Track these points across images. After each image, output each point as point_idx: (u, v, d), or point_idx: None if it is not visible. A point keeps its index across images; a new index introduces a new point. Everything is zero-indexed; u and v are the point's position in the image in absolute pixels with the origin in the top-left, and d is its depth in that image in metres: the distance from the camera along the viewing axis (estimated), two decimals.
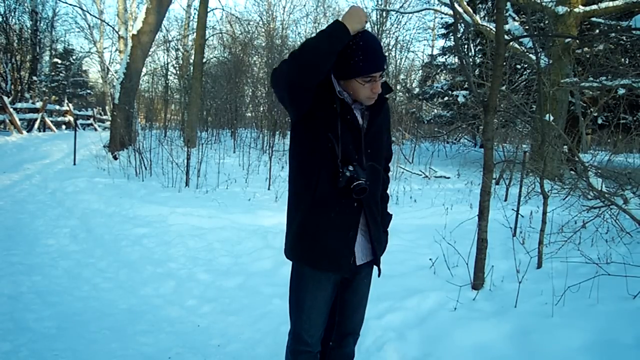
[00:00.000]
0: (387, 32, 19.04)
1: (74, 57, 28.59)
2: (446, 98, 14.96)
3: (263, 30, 20.07)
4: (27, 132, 14.65)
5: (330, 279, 1.84)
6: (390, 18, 18.98)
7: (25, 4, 21.25)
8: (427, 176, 9.78)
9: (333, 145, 1.70)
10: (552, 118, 5.27)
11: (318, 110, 1.71)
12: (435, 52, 19.45)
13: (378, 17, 18.46)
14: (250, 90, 18.77)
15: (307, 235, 1.79)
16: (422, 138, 15.40)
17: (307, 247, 1.80)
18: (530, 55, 9.55)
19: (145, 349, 2.85)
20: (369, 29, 1.79)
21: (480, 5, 14.57)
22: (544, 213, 3.86)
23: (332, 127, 1.71)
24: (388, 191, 2.08)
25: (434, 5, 14.54)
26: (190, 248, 4.61)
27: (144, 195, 6.67)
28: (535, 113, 7.60)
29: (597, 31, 10.55)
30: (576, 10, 9.27)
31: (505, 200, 7.08)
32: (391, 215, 2.05)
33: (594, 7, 9.24)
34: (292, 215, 1.84)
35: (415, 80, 22.40)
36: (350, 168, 1.70)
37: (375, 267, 1.96)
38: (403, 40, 20.57)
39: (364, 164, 1.75)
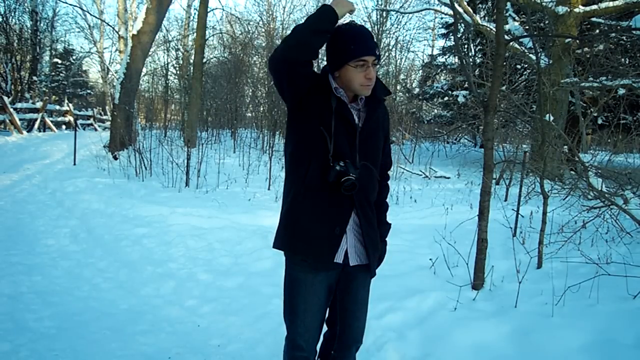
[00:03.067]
0: (387, 32, 19.03)
1: (74, 57, 28.59)
2: (446, 98, 14.95)
3: (263, 30, 20.05)
4: (27, 132, 14.66)
5: (323, 282, 1.83)
6: (390, 18, 18.96)
7: (25, 4, 21.32)
8: (427, 176, 9.78)
9: (325, 140, 1.72)
10: (552, 118, 5.27)
11: (314, 103, 1.73)
12: (435, 52, 19.44)
13: (378, 17, 18.45)
14: (250, 90, 18.76)
15: (290, 223, 1.82)
16: (422, 138, 15.38)
17: (289, 233, 1.82)
18: (530, 55, 9.55)
19: (145, 349, 2.84)
20: (369, 29, 1.80)
21: (480, 5, 14.57)
22: (544, 213, 3.86)
23: (325, 122, 1.73)
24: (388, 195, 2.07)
25: (434, 5, 14.55)
26: (190, 248, 4.61)
27: (144, 195, 6.67)
28: (535, 113, 7.60)
29: (597, 31, 10.54)
30: (576, 10, 9.26)
31: (505, 200, 7.08)
32: (390, 224, 2.03)
33: (594, 7, 9.24)
34: (282, 205, 1.88)
35: (415, 80, 22.38)
36: (342, 164, 1.71)
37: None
38: (403, 40, 20.55)
39: (357, 161, 1.75)
